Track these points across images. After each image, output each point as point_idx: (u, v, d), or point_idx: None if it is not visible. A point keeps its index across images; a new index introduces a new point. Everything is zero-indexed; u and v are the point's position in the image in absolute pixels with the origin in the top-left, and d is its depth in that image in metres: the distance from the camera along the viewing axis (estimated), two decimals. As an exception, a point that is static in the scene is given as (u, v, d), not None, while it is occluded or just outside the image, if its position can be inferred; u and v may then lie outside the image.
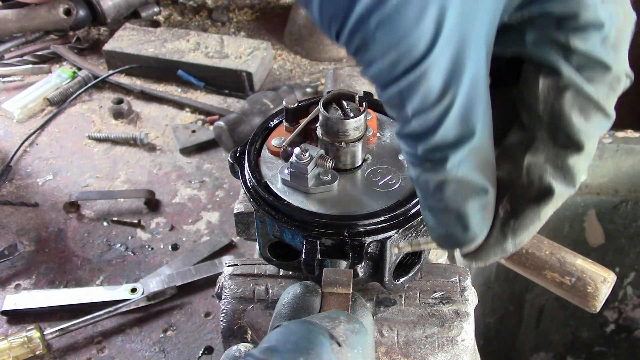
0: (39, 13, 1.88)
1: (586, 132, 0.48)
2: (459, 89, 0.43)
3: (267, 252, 0.71)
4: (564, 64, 0.46)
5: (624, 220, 1.62)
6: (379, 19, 0.41)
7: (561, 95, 0.47)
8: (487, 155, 0.48)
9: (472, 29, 0.42)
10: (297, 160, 0.63)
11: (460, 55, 0.42)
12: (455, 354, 0.72)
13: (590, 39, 0.46)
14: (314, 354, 0.45)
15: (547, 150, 0.49)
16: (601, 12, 0.45)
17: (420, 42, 0.41)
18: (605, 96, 0.47)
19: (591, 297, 0.61)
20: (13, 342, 1.12)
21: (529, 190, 0.50)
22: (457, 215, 0.49)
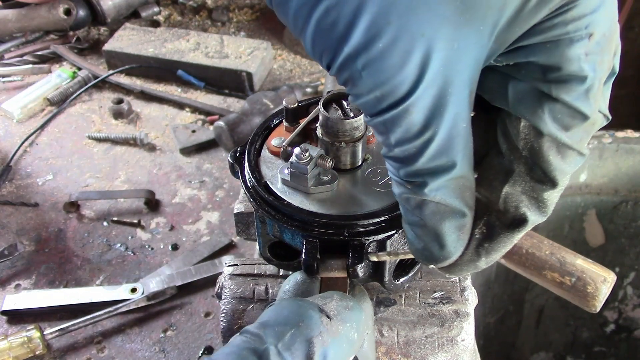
0: (39, 13, 1.88)
1: (561, 170, 0.50)
2: (440, 126, 0.45)
3: (267, 252, 0.71)
4: (543, 114, 0.48)
5: (624, 220, 1.62)
6: (365, 61, 0.43)
7: (540, 139, 0.49)
8: (466, 182, 0.50)
9: (455, 73, 0.44)
10: (297, 160, 0.63)
11: (442, 96, 0.44)
12: (455, 354, 0.72)
13: (573, 91, 0.47)
14: (304, 326, 0.48)
15: (524, 183, 0.52)
16: (584, 66, 0.46)
17: (403, 83, 0.43)
18: (581, 140, 0.50)
19: (591, 297, 0.61)
20: (13, 342, 1.12)
21: (504, 217, 0.53)
22: (434, 234, 0.52)
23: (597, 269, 0.61)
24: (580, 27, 0.45)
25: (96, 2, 1.90)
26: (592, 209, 1.61)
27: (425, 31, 0.41)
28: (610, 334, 1.80)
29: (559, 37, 0.45)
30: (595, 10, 0.45)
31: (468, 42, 0.43)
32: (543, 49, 0.46)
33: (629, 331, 1.79)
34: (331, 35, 0.43)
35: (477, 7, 0.42)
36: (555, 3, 0.44)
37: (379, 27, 0.41)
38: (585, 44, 0.46)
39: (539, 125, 0.48)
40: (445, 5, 0.41)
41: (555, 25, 0.45)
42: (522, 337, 1.80)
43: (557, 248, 0.63)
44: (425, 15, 0.41)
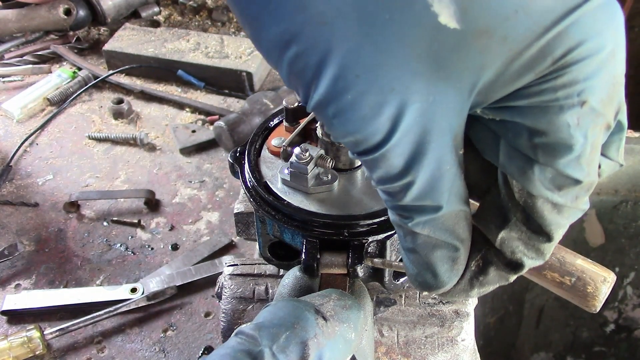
0: (39, 13, 1.88)
1: (557, 224, 0.48)
2: (421, 170, 0.44)
3: (267, 252, 0.71)
4: (533, 177, 0.46)
5: (624, 220, 1.62)
6: (335, 111, 0.42)
7: (532, 198, 0.47)
8: (459, 217, 0.49)
9: (433, 123, 0.42)
10: (297, 160, 0.63)
11: (421, 144, 0.43)
12: (455, 354, 0.72)
13: (562, 159, 0.44)
14: (299, 328, 0.48)
15: (520, 232, 0.50)
16: (575, 133, 0.43)
17: (376, 133, 0.42)
18: (576, 198, 0.47)
19: (591, 297, 0.61)
20: (13, 342, 1.12)
21: (501, 257, 0.52)
22: (426, 264, 0.51)
23: (597, 269, 0.61)
24: (571, 94, 0.42)
25: (96, 2, 1.90)
26: (592, 209, 1.61)
27: (395, 86, 0.40)
28: (610, 334, 1.80)
29: (547, 104, 0.42)
30: (592, 75, 0.41)
31: (445, 96, 0.41)
32: (530, 113, 0.43)
33: (629, 331, 1.79)
34: (302, 79, 0.42)
35: (452, 67, 0.40)
36: (542, 69, 0.41)
37: (346, 80, 0.40)
38: (576, 111, 0.42)
39: (529, 187, 0.46)
40: (417, 62, 0.39)
41: (544, 91, 0.42)
42: (522, 337, 1.80)
43: (557, 248, 0.63)
44: (396, 71, 0.40)
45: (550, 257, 0.62)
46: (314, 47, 0.40)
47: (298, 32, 0.40)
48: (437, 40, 0.38)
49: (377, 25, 0.38)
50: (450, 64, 0.40)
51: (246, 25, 0.43)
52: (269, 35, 0.41)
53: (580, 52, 0.40)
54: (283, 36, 0.41)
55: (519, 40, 0.39)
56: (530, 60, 0.40)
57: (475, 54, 0.39)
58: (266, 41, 0.42)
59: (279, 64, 0.43)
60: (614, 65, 0.42)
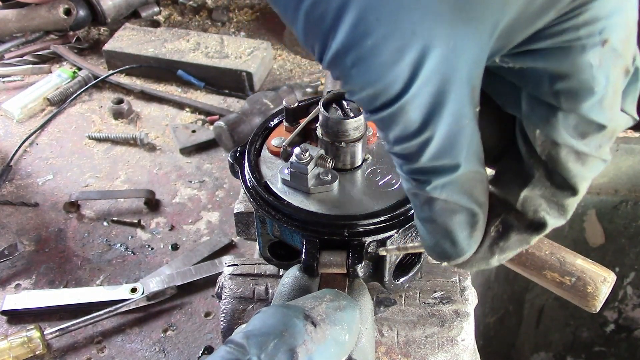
0: (39, 13, 1.88)
1: (582, 176, 0.48)
2: (439, 124, 0.43)
3: (267, 252, 0.71)
4: (558, 125, 0.45)
5: (624, 220, 1.62)
6: (355, 59, 0.41)
7: (557, 148, 0.46)
8: (476, 179, 0.48)
9: (453, 71, 0.42)
10: (297, 160, 0.63)
11: (440, 94, 0.42)
12: (455, 354, 0.72)
13: (585, 102, 0.44)
14: (287, 335, 0.48)
15: (544, 189, 0.49)
16: (597, 75, 0.43)
17: (396, 82, 0.41)
18: (600, 147, 0.47)
19: (591, 297, 0.61)
20: (13, 342, 1.12)
21: (522, 219, 0.51)
22: (445, 231, 0.49)
23: (597, 269, 0.61)
24: (593, 32, 0.42)
25: (96, 2, 1.90)
26: (592, 209, 1.61)
27: (417, 29, 0.39)
28: (610, 334, 1.80)
29: (569, 43, 0.42)
30: (612, 13, 0.41)
31: (466, 41, 0.41)
32: (552, 55, 0.43)
33: (629, 331, 1.79)
34: (320, 28, 0.41)
35: (475, 6, 0.39)
36: (564, 5, 0.40)
37: (367, 23, 0.39)
38: (598, 51, 0.42)
39: (554, 136, 0.46)
40: (440, 3, 0.39)
41: (566, 30, 0.41)
42: (522, 337, 1.80)
43: (557, 248, 0.63)
44: (418, 13, 0.39)
45: (550, 257, 0.62)
46: None
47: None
48: None
49: None
50: (473, 3, 0.39)
51: None
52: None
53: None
54: None
55: None
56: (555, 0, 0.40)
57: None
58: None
59: (295, 18, 0.42)
60: (631, 6, 0.43)
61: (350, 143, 0.65)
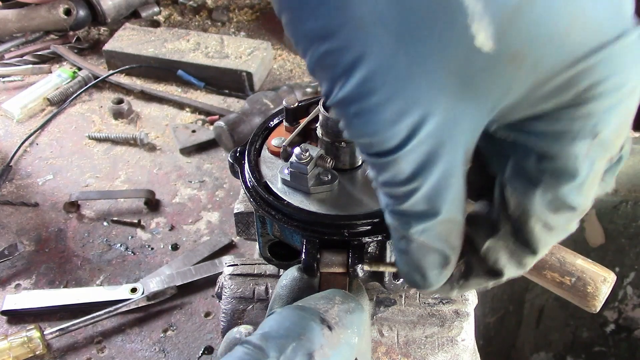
0: (39, 13, 1.88)
1: (545, 242, 0.50)
2: (427, 179, 0.45)
3: (267, 252, 0.71)
4: (533, 198, 0.47)
5: (624, 220, 1.62)
6: (357, 110, 0.42)
7: (528, 215, 0.48)
8: (453, 227, 0.50)
9: (449, 137, 0.43)
10: (297, 160, 0.63)
11: (433, 155, 0.44)
12: (455, 354, 0.72)
13: (565, 185, 0.45)
14: (305, 339, 0.48)
15: (507, 243, 0.51)
16: (582, 164, 0.44)
17: (393, 139, 0.43)
18: (569, 222, 0.49)
19: (591, 297, 0.61)
20: (13, 342, 1.12)
21: (483, 264, 0.53)
22: (417, 266, 0.52)
23: (597, 269, 0.61)
24: (586, 125, 0.42)
25: (96, 2, 1.90)
26: (592, 209, 1.61)
27: (421, 98, 0.41)
28: (610, 334, 1.80)
29: (561, 132, 0.43)
30: (609, 110, 0.42)
31: (466, 113, 0.42)
32: (543, 137, 0.44)
33: (629, 331, 1.79)
34: (330, 73, 0.42)
35: (479, 87, 0.41)
36: (565, 99, 0.41)
37: (375, 83, 0.41)
38: (587, 143, 0.43)
39: (528, 206, 0.48)
40: (446, 78, 0.40)
41: (561, 119, 0.43)
42: (522, 337, 1.80)
43: (557, 248, 0.63)
44: (424, 83, 0.40)
45: (550, 257, 0.63)
46: (348, 47, 0.40)
47: (335, 31, 0.40)
48: (470, 60, 0.39)
49: (414, 39, 0.39)
50: (478, 84, 0.40)
51: (283, 13, 0.43)
52: (305, 28, 0.42)
53: (604, 87, 0.41)
54: (319, 32, 0.41)
55: (549, 68, 0.40)
56: (555, 89, 0.41)
57: (504, 77, 0.40)
58: (301, 33, 0.43)
59: (307, 54, 0.43)
60: (631, 102, 0.43)
61: (350, 143, 0.65)
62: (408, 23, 0.38)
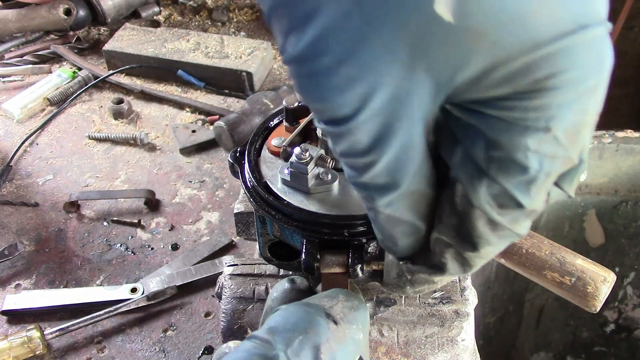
0: (39, 13, 1.88)
1: (487, 240, 0.48)
2: (385, 152, 0.43)
3: (267, 252, 0.71)
4: (479, 188, 0.45)
5: (624, 220, 1.62)
6: (308, 72, 0.41)
7: (472, 209, 0.46)
8: (419, 198, 0.48)
9: (405, 110, 0.41)
10: (297, 160, 0.63)
11: (389, 127, 0.42)
12: (455, 354, 0.72)
13: (512, 179, 0.44)
14: (312, 333, 0.48)
15: (449, 236, 0.50)
16: (531, 158, 0.42)
17: (344, 107, 0.41)
18: (514, 221, 0.47)
19: (591, 297, 0.61)
20: (13, 342, 1.12)
21: (429, 257, 0.52)
22: (389, 235, 0.51)
23: (597, 269, 0.61)
24: (539, 118, 0.41)
25: (96, 2, 1.90)
26: (592, 209, 1.61)
27: (372, 65, 0.39)
28: (610, 334, 1.80)
29: (513, 120, 0.41)
30: (566, 104, 0.40)
31: (421, 86, 0.40)
32: (494, 123, 0.42)
33: (629, 331, 1.79)
34: (283, 27, 0.40)
35: (435, 58, 0.39)
36: (521, 85, 0.40)
37: (326, 43, 0.39)
38: (538, 137, 0.41)
39: (472, 197, 0.46)
40: (401, 45, 0.38)
41: (514, 108, 0.41)
42: (522, 337, 1.80)
43: (557, 248, 0.63)
44: (377, 50, 0.38)
45: (550, 257, 0.63)
46: (300, 4, 0.38)
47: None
48: (427, 29, 0.37)
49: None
50: (434, 55, 0.39)
51: None
52: None
53: (561, 80, 0.40)
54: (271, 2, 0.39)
55: (508, 49, 0.38)
56: (513, 73, 0.39)
57: (461, 50, 0.38)
58: None
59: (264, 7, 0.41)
60: (589, 101, 0.41)
61: (350, 143, 0.65)
62: None
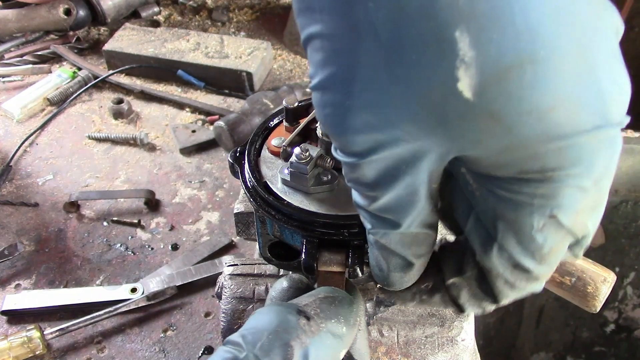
0: (39, 13, 1.88)
1: (507, 295, 0.51)
2: (388, 193, 0.45)
3: (267, 252, 0.71)
4: (490, 254, 0.47)
5: (624, 220, 1.62)
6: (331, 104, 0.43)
7: (489, 269, 0.49)
8: (418, 239, 0.50)
9: (413, 162, 0.43)
10: (297, 160, 0.63)
11: (396, 171, 0.44)
12: (455, 354, 0.72)
13: (519, 249, 0.46)
14: (281, 330, 0.49)
15: (470, 286, 0.52)
16: (536, 235, 0.44)
17: (356, 146, 0.43)
18: (527, 281, 0.49)
19: (591, 297, 0.61)
20: (13, 342, 1.12)
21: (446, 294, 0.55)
22: (380, 265, 0.53)
23: (597, 269, 0.61)
24: (544, 205, 0.43)
25: (96, 2, 1.90)
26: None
27: (391, 118, 0.40)
28: (610, 334, 1.80)
29: (519, 202, 0.43)
30: (570, 196, 0.42)
31: (433, 147, 0.42)
32: (502, 200, 0.44)
33: (629, 331, 1.79)
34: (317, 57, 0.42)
35: (451, 129, 0.40)
36: (529, 173, 0.41)
37: (351, 87, 0.40)
38: (544, 220, 0.43)
39: (485, 262, 0.48)
40: (421, 108, 0.39)
41: (521, 191, 0.43)
42: (522, 337, 1.80)
43: (557, 248, 0.62)
44: (397, 107, 0.40)
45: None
46: (339, 39, 0.40)
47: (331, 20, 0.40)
48: (448, 100, 0.38)
49: (401, 59, 0.38)
50: (450, 125, 0.40)
51: None
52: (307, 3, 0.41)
53: (570, 173, 0.41)
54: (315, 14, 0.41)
55: (521, 137, 0.39)
56: (522, 159, 0.41)
57: (477, 129, 0.39)
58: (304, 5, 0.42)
59: (302, 28, 0.43)
60: (596, 193, 0.43)
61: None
62: (400, 41, 0.37)
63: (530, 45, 0.36)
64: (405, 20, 0.36)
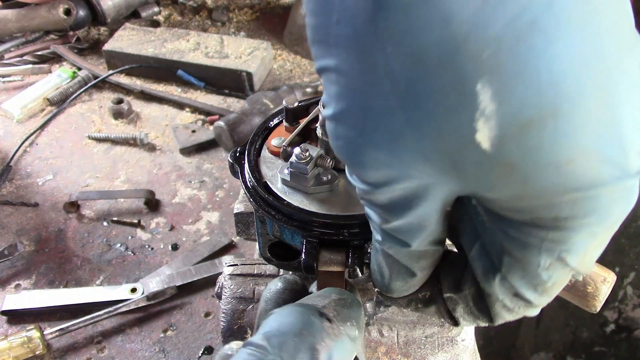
0: (39, 13, 1.88)
1: (503, 317, 0.52)
2: (400, 219, 0.46)
3: (267, 252, 0.71)
4: (492, 282, 0.48)
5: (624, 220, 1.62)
6: (344, 136, 0.42)
7: (488, 293, 0.50)
8: (425, 255, 0.51)
9: (427, 197, 0.44)
10: (297, 160, 0.63)
11: (407, 202, 0.44)
12: (455, 354, 0.72)
13: (522, 282, 0.46)
14: (306, 334, 0.48)
15: (467, 304, 0.54)
16: (542, 273, 0.45)
17: (369, 178, 0.44)
18: (526, 308, 0.50)
19: (591, 297, 0.61)
20: (13, 342, 1.12)
21: (443, 305, 0.56)
22: (382, 272, 0.54)
23: (597, 269, 0.61)
24: (554, 249, 0.43)
25: (96, 2, 1.90)
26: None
27: (405, 159, 0.40)
28: (610, 334, 1.80)
29: (529, 243, 0.43)
30: (581, 242, 0.42)
31: (445, 185, 0.42)
32: (510, 239, 0.44)
33: (629, 331, 1.79)
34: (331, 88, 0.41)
35: (466, 174, 0.40)
36: (541, 220, 0.41)
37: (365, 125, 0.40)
38: (550, 260, 0.43)
39: (486, 287, 0.49)
40: (435, 152, 0.39)
41: (532, 234, 0.42)
42: (522, 337, 1.80)
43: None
44: (412, 150, 0.39)
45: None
46: (352, 74, 0.39)
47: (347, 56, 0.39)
48: (464, 148, 0.38)
49: (418, 105, 0.37)
50: (465, 171, 0.40)
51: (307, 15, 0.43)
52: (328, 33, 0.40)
53: (583, 222, 0.41)
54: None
55: (536, 188, 0.39)
56: (536, 207, 0.40)
57: (492, 177, 0.39)
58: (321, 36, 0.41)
59: (317, 57, 0.42)
60: (605, 237, 0.43)
61: (350, 143, 0.65)
62: (417, 89, 0.36)
63: (553, 99, 0.34)
64: (424, 68, 0.35)
